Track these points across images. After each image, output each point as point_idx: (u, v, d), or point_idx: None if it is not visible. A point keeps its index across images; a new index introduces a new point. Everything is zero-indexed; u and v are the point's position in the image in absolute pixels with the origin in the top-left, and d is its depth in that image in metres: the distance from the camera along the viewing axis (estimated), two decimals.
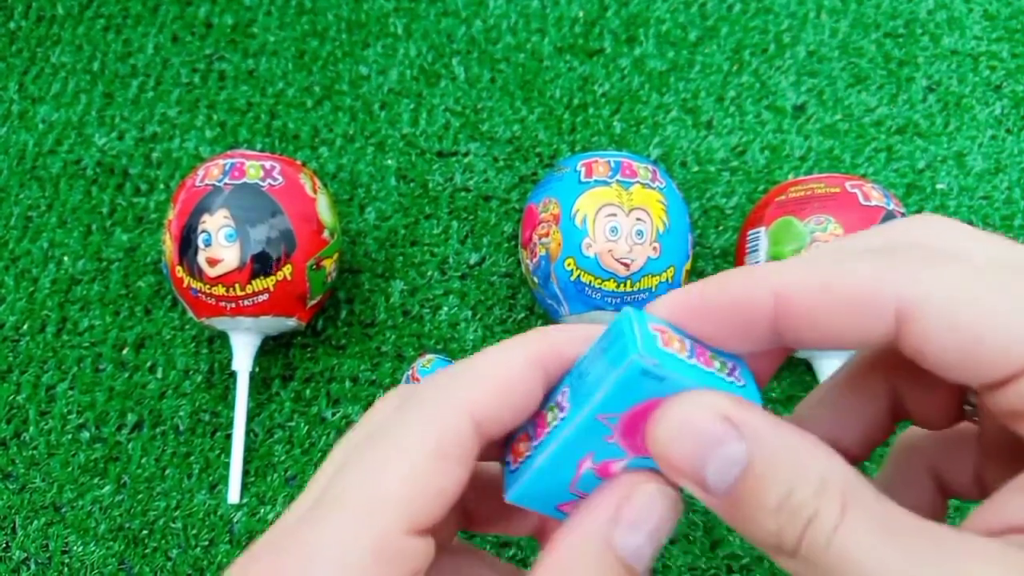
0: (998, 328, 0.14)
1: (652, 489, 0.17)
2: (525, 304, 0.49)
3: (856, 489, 0.15)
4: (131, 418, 0.46)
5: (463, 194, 0.52)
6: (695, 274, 0.50)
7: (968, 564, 0.14)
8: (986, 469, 0.19)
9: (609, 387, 0.17)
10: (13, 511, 0.44)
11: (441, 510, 0.17)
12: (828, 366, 0.42)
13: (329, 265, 0.45)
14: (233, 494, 0.43)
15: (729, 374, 0.17)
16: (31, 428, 0.46)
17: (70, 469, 0.45)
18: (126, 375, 0.47)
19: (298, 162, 0.45)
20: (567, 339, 0.19)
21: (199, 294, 0.42)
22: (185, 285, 0.42)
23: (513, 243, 0.51)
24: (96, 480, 0.44)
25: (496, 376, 0.18)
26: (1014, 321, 0.14)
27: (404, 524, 0.16)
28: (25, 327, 0.49)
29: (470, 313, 0.49)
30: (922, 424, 0.20)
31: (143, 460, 0.45)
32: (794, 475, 0.15)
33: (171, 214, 0.43)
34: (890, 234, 0.17)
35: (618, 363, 0.16)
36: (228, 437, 0.45)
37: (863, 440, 0.20)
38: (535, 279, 0.44)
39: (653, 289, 0.42)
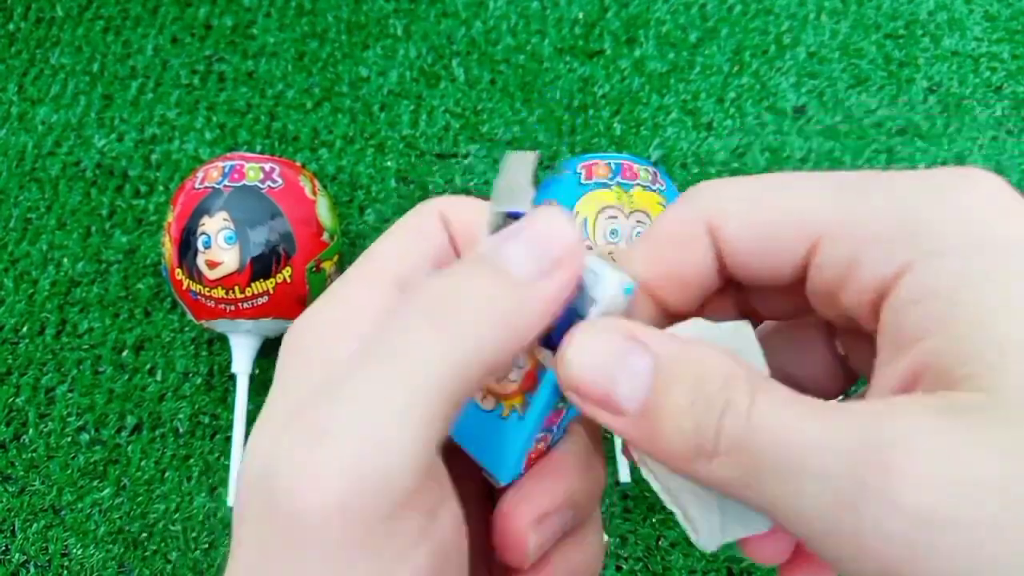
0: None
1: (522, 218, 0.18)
2: None
3: (763, 380, 0.15)
4: (130, 420, 0.46)
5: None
6: None
7: (887, 416, 0.14)
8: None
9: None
10: (12, 514, 0.44)
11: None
12: None
13: (329, 267, 0.44)
14: (233, 497, 0.43)
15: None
16: (30, 430, 0.46)
17: (69, 472, 0.45)
18: (125, 377, 0.47)
19: (298, 164, 0.45)
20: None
21: (199, 296, 0.42)
22: (185, 287, 0.42)
23: None
24: (95, 483, 0.44)
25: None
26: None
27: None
28: (24, 329, 0.49)
29: None
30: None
31: (142, 463, 0.45)
32: (701, 372, 0.16)
33: (170, 216, 0.43)
34: None
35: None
36: (228, 439, 0.45)
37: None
38: None
39: None
